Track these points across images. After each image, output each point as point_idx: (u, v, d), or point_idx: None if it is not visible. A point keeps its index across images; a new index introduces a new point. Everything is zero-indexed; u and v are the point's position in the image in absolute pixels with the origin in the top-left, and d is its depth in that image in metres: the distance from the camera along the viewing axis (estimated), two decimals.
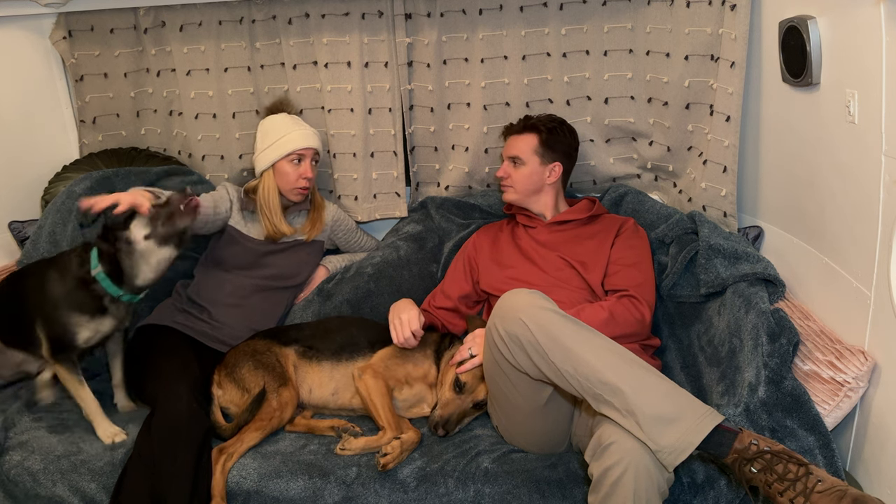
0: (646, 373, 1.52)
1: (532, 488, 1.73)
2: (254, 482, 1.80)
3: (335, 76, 2.51)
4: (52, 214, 2.34)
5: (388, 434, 1.85)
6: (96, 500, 1.84)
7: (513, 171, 2.27)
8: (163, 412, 1.85)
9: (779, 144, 2.03)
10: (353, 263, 2.46)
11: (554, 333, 1.57)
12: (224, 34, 2.54)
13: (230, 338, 2.23)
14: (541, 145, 2.25)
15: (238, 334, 2.24)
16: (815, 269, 1.89)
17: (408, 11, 2.44)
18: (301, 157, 2.30)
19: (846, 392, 1.65)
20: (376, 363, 2.02)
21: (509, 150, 2.30)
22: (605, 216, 2.30)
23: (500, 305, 1.67)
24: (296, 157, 2.29)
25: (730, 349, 1.86)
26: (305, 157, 2.30)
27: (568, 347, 1.55)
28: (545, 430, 1.80)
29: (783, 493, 1.37)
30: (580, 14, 2.37)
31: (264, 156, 2.31)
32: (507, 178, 2.28)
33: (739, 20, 2.01)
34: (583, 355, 1.53)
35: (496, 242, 2.31)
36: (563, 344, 1.55)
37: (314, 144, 2.33)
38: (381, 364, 2.02)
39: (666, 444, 1.42)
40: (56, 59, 2.66)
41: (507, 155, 2.30)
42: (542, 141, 2.25)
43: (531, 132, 2.27)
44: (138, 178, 2.51)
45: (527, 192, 2.28)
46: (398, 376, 2.01)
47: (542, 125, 2.27)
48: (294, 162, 2.29)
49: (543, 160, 2.26)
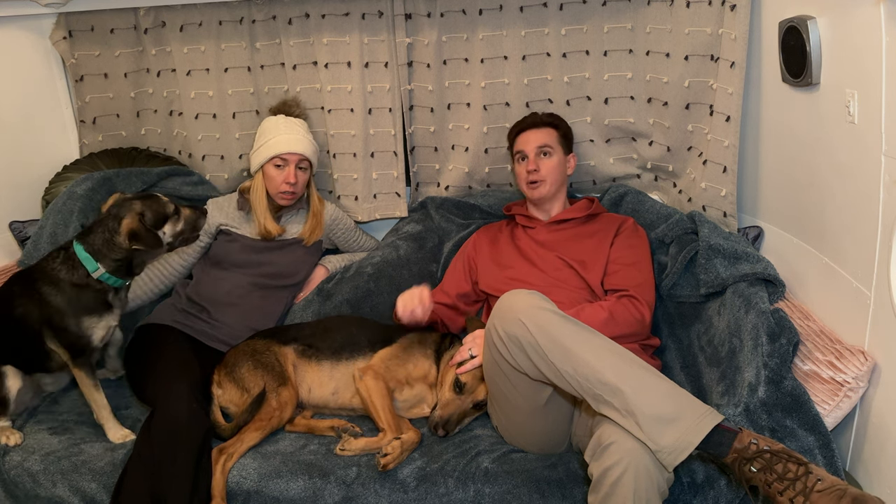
0: (645, 373, 1.52)
1: (532, 488, 1.73)
2: (254, 482, 1.80)
3: (335, 76, 2.51)
4: (53, 215, 2.34)
5: (388, 436, 1.85)
6: (97, 500, 1.84)
7: (542, 162, 2.24)
8: (163, 412, 1.85)
9: (779, 144, 2.03)
10: (353, 263, 2.46)
11: (553, 334, 1.57)
12: (224, 34, 2.54)
13: (230, 337, 2.23)
14: (561, 137, 2.29)
15: (237, 334, 2.24)
16: (815, 269, 1.89)
17: (408, 11, 2.44)
18: (284, 161, 2.29)
19: (846, 392, 1.65)
20: (377, 364, 2.02)
21: (535, 142, 2.26)
22: (604, 215, 2.30)
23: (500, 306, 1.67)
24: (280, 162, 2.29)
25: (730, 349, 1.86)
26: (289, 163, 2.29)
27: (567, 348, 1.55)
28: (545, 430, 1.80)
29: (783, 493, 1.37)
30: (580, 14, 2.37)
31: (254, 157, 2.35)
32: (537, 171, 2.23)
33: (739, 20, 2.01)
34: (582, 355, 1.53)
35: (496, 243, 2.31)
36: (562, 344, 1.55)
37: (298, 150, 2.30)
38: (382, 365, 2.02)
39: (665, 444, 1.42)
40: (56, 60, 2.66)
41: (532, 147, 2.25)
42: (562, 133, 2.29)
43: (549, 127, 2.29)
44: (139, 178, 2.52)
45: (556, 184, 2.26)
46: (399, 377, 2.01)
47: (556, 120, 2.31)
48: (278, 166, 2.30)
49: (565, 151, 2.30)
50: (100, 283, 1.92)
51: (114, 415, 2.00)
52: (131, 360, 2.16)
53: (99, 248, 1.91)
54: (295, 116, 2.41)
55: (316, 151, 2.41)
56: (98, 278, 1.91)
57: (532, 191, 2.26)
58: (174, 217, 2.01)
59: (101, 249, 1.91)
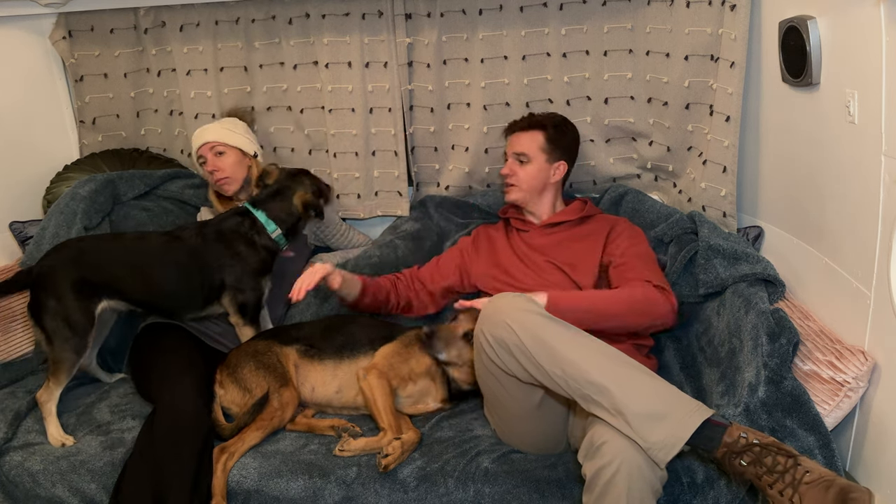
0: (633, 371, 1.52)
1: (531, 488, 1.73)
2: (254, 481, 1.80)
3: (336, 76, 2.51)
4: (56, 216, 2.33)
5: (389, 435, 1.85)
6: (96, 500, 1.84)
7: (518, 168, 2.22)
8: (167, 409, 1.85)
9: (779, 144, 2.03)
10: (349, 262, 2.43)
11: (539, 335, 1.57)
12: (220, 34, 2.54)
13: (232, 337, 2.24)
14: (547, 142, 2.21)
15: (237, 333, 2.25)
16: (815, 269, 1.89)
17: (408, 11, 2.44)
18: (202, 157, 2.39)
19: (846, 392, 1.65)
20: (380, 362, 2.02)
21: (514, 147, 2.24)
22: (597, 216, 2.27)
23: (486, 310, 1.67)
24: (201, 160, 2.39)
25: (729, 349, 1.86)
26: (205, 156, 2.38)
27: (554, 349, 1.55)
28: (540, 431, 1.80)
29: (773, 486, 1.38)
30: (580, 14, 2.37)
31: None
32: (512, 176, 2.23)
33: (739, 20, 2.01)
34: (569, 356, 1.53)
35: (493, 242, 2.30)
36: (549, 345, 1.55)
37: (203, 139, 2.38)
38: (385, 363, 2.02)
39: (655, 441, 1.42)
40: (56, 60, 2.67)
41: (511, 152, 2.24)
42: (548, 138, 2.22)
43: (537, 129, 2.22)
44: (142, 181, 2.52)
45: (532, 191, 2.24)
46: (402, 374, 2.01)
47: (548, 122, 2.24)
48: (202, 164, 2.39)
49: (549, 158, 2.22)
50: (276, 244, 2.15)
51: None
52: (136, 358, 2.17)
53: (277, 213, 2.15)
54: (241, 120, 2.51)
55: (235, 135, 2.41)
56: (275, 238, 2.14)
57: (506, 193, 2.28)
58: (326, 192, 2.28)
59: (280, 215, 2.16)
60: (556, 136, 2.23)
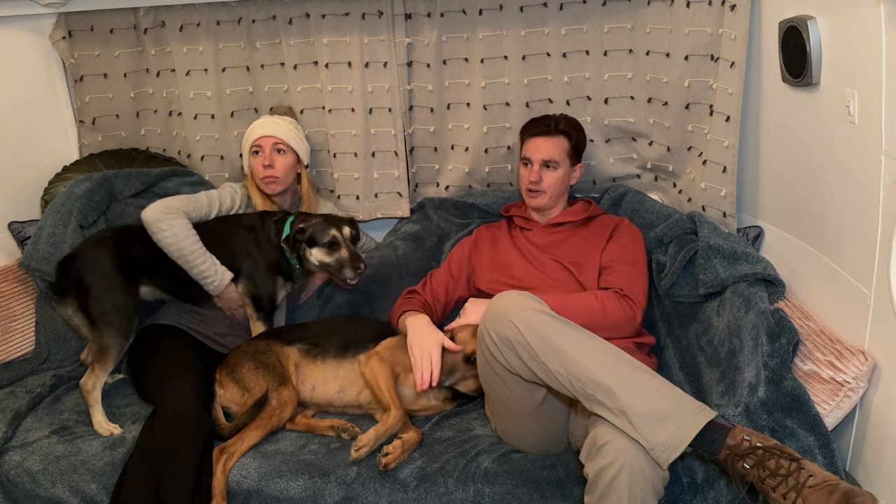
0: (636, 371, 1.52)
1: (532, 488, 1.73)
2: (254, 482, 1.80)
3: (336, 76, 2.51)
4: (52, 215, 2.33)
5: (394, 412, 1.84)
6: (96, 500, 1.84)
7: (546, 174, 2.22)
8: (168, 409, 1.85)
9: (779, 144, 2.03)
10: None
11: (544, 334, 1.57)
12: (222, 34, 2.54)
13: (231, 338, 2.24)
14: (571, 148, 2.25)
15: (239, 334, 2.25)
16: (814, 269, 1.89)
17: (408, 11, 2.44)
18: (259, 147, 2.32)
19: (846, 392, 1.65)
20: (382, 350, 2.03)
21: (541, 154, 2.22)
22: (601, 217, 2.29)
23: (491, 308, 1.67)
24: (256, 148, 2.33)
25: (729, 349, 1.86)
26: (264, 148, 2.32)
27: (558, 348, 1.55)
28: (542, 431, 1.80)
29: (776, 489, 1.37)
30: (580, 14, 2.37)
31: (244, 158, 2.39)
32: (540, 182, 2.22)
33: (739, 20, 2.01)
34: (573, 355, 1.53)
35: (496, 241, 2.31)
36: (553, 344, 1.55)
37: (271, 132, 2.34)
38: (387, 351, 2.02)
39: (658, 442, 1.42)
40: (56, 60, 2.66)
41: (539, 158, 2.22)
42: (573, 145, 2.25)
43: (562, 135, 2.24)
44: (138, 179, 2.51)
45: (557, 196, 2.26)
46: (404, 363, 2.00)
47: (570, 128, 2.26)
48: (256, 153, 2.33)
49: (572, 162, 2.27)
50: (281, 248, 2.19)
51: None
52: (135, 358, 2.16)
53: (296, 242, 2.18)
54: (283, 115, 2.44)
55: (298, 140, 2.39)
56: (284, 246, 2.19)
57: (531, 199, 2.26)
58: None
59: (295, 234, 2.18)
60: (579, 141, 2.28)
